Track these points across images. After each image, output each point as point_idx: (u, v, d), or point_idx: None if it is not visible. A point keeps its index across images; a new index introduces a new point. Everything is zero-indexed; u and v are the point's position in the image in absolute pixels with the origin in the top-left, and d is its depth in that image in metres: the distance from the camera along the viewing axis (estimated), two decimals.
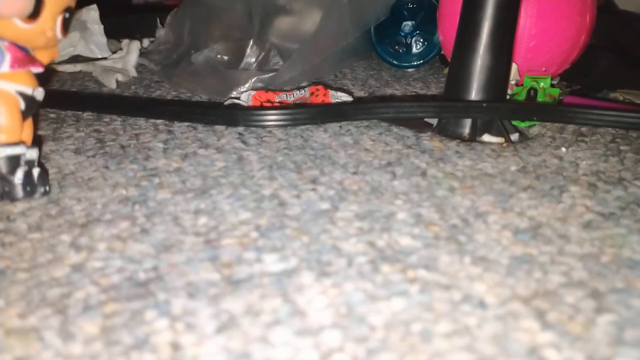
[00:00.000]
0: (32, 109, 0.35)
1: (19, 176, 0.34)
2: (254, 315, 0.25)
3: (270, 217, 0.33)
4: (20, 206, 0.35)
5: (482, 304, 0.26)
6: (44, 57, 0.35)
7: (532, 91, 0.52)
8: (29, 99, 0.34)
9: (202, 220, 0.33)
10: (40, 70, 0.34)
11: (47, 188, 0.36)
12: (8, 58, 0.33)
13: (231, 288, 0.27)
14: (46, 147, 0.44)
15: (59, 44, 0.35)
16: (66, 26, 0.34)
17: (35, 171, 0.35)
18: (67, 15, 0.34)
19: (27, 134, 0.35)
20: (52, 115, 0.51)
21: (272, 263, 0.29)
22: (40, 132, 0.47)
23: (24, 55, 0.33)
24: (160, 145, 0.44)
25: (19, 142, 0.34)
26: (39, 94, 0.35)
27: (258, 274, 0.28)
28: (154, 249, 0.30)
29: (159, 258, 0.30)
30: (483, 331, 0.24)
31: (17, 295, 0.27)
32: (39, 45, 0.34)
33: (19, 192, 0.34)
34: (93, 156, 0.42)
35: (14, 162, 0.34)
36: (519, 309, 0.26)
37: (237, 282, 0.28)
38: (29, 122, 0.36)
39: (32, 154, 0.35)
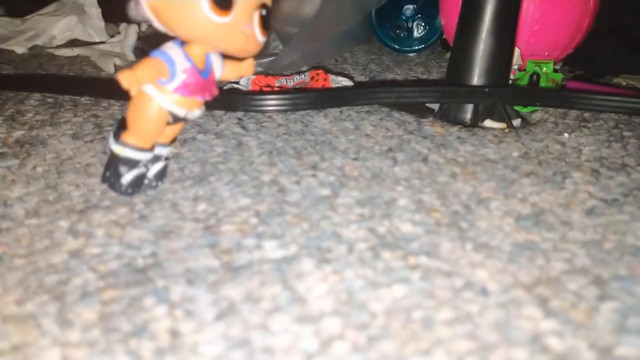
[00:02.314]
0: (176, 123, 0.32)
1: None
2: (254, 302, 0.25)
3: (270, 204, 0.33)
4: (17, 191, 0.34)
5: (484, 291, 0.26)
6: (234, 70, 0.32)
7: (534, 76, 0.51)
8: (177, 118, 0.32)
9: (201, 206, 0.33)
10: (208, 99, 0.31)
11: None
12: (179, 80, 0.30)
13: (231, 275, 0.27)
14: (44, 132, 0.43)
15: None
16: (265, 25, 0.30)
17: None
18: (263, 12, 0.29)
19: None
20: (50, 100, 0.50)
21: (272, 250, 0.29)
22: (37, 117, 0.46)
23: (196, 83, 0.30)
24: None
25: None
26: (193, 115, 0.32)
27: (258, 261, 0.28)
28: (153, 235, 0.30)
29: (157, 244, 0.29)
30: (485, 318, 0.24)
31: (14, 281, 0.26)
32: (236, 47, 0.30)
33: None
34: (91, 141, 0.42)
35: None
36: (521, 296, 0.25)
37: (236, 269, 0.27)
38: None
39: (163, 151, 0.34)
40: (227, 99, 0.47)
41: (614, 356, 0.22)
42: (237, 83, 0.53)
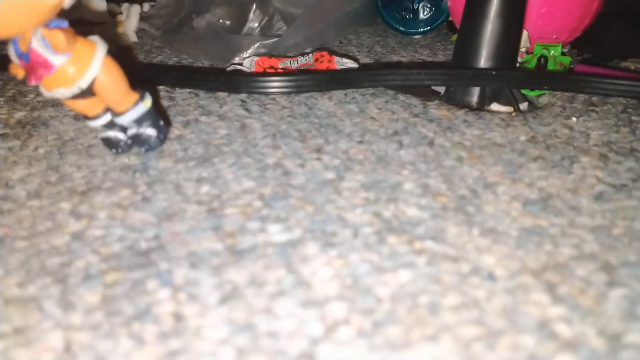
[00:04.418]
0: None
1: None
2: (258, 286, 0.25)
3: (274, 187, 0.33)
4: (19, 172, 0.34)
5: (491, 277, 0.25)
6: None
7: (542, 59, 0.50)
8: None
9: (205, 188, 0.32)
10: (33, 83, 0.32)
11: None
12: None
13: (234, 258, 0.27)
14: (45, 113, 0.43)
15: None
16: None
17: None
18: None
19: None
20: None
21: (276, 233, 0.28)
22: (39, 98, 0.46)
23: (24, 67, 0.32)
24: None
25: None
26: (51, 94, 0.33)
27: (262, 244, 0.28)
28: (156, 217, 0.30)
29: (160, 227, 0.29)
30: (492, 304, 0.24)
31: (16, 263, 0.26)
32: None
33: None
34: None
35: None
36: (528, 281, 0.25)
37: (240, 252, 0.27)
38: None
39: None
40: (230, 81, 0.46)
41: (623, 343, 0.22)
42: (241, 65, 0.53)
